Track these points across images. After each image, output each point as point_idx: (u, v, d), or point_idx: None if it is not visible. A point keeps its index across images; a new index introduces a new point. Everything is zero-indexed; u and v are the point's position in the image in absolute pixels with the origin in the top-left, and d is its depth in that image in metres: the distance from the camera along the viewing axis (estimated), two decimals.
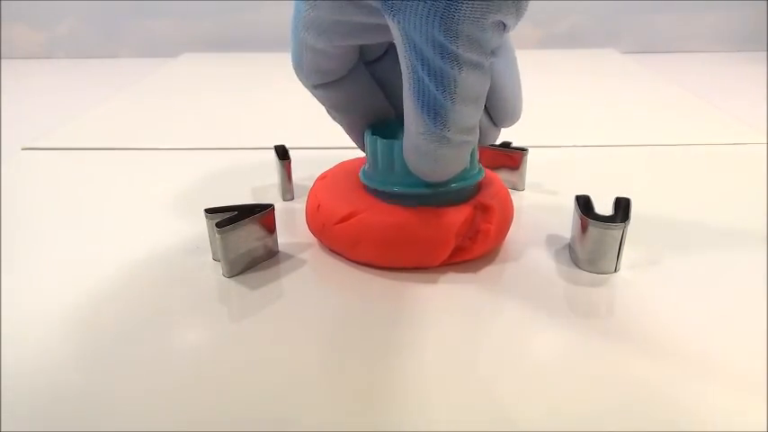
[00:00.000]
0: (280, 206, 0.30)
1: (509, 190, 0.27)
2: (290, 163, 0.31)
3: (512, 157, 0.32)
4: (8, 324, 0.21)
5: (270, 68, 0.63)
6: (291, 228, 0.28)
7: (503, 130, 0.25)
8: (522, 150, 0.31)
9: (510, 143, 0.32)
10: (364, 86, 0.25)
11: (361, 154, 0.28)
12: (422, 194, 0.24)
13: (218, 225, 0.23)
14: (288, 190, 0.31)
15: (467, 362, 0.19)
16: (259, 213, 0.24)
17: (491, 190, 0.26)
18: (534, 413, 0.17)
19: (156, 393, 0.18)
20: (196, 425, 0.17)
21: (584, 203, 0.24)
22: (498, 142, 0.30)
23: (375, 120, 0.26)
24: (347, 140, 0.27)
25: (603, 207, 0.24)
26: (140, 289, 0.23)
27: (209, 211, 0.24)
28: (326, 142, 0.27)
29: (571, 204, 0.25)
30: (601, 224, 0.23)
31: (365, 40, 0.23)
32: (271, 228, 0.25)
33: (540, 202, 0.31)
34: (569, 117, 0.46)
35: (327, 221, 0.25)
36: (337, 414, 0.17)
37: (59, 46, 0.75)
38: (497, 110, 0.24)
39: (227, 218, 0.23)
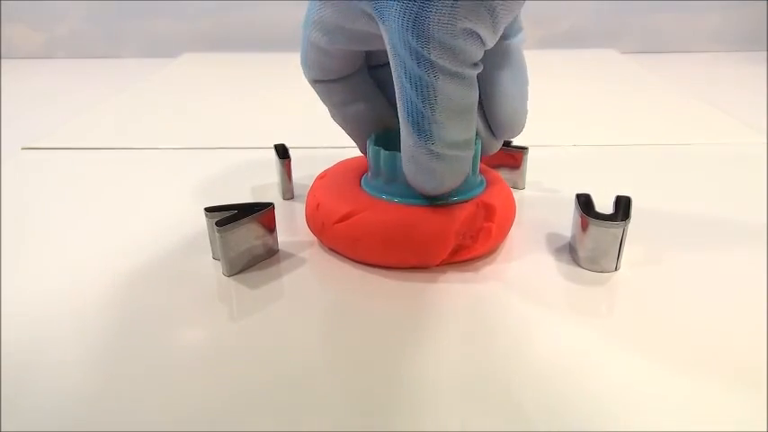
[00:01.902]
0: (280, 205, 0.30)
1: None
2: (290, 162, 0.31)
3: (512, 156, 0.32)
4: (9, 323, 0.21)
5: (270, 68, 0.63)
6: (291, 226, 0.28)
7: None
8: (523, 149, 0.31)
9: (510, 142, 0.32)
10: (365, 89, 0.26)
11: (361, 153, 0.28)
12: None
13: (217, 224, 0.23)
14: (288, 189, 0.31)
15: (467, 361, 0.19)
16: (259, 212, 0.24)
17: (494, 189, 0.26)
18: (534, 412, 0.17)
19: (155, 392, 0.18)
20: (196, 424, 0.17)
21: (584, 202, 0.24)
22: None
23: (377, 127, 0.26)
24: (348, 140, 0.27)
25: (604, 206, 0.24)
26: (140, 288, 0.23)
27: (208, 210, 0.24)
28: (327, 141, 0.27)
29: (571, 203, 0.25)
30: (601, 223, 0.23)
31: (366, 47, 0.23)
32: (271, 226, 0.25)
33: (540, 201, 0.31)
34: (570, 116, 0.46)
35: (327, 221, 0.25)
36: (337, 413, 0.17)
37: (59, 46, 0.75)
38: (496, 122, 0.24)
39: (227, 217, 0.23)
